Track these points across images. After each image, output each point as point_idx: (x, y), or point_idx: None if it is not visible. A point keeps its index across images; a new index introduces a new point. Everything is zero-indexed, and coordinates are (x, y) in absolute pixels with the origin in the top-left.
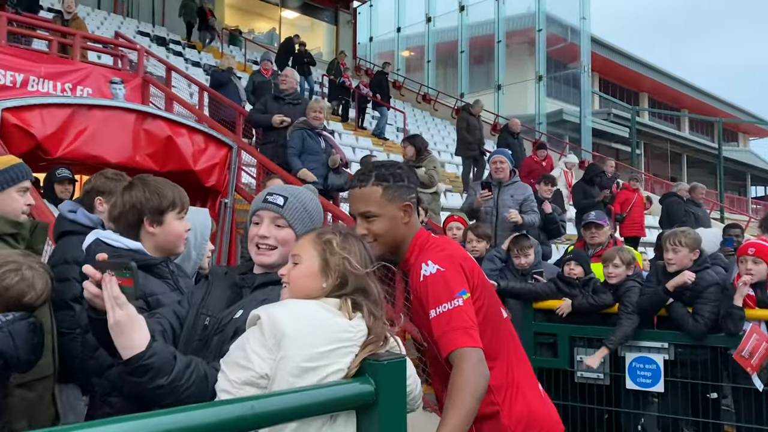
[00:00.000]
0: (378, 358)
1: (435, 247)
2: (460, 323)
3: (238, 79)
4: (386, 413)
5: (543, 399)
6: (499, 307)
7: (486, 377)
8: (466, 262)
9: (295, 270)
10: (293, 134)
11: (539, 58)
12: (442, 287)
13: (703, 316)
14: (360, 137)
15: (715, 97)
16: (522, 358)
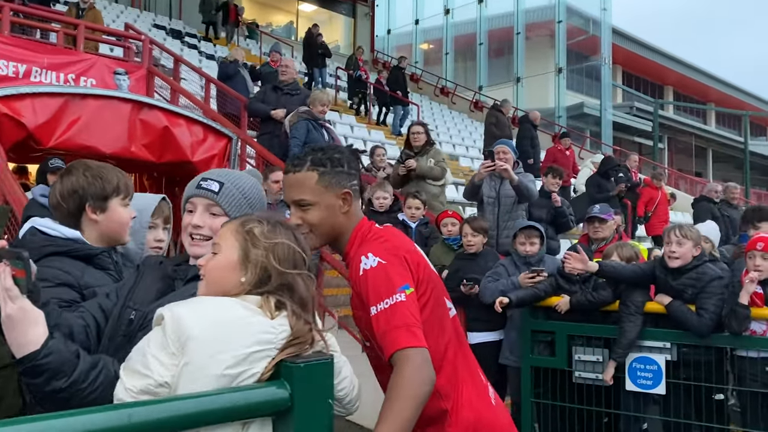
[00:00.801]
0: (295, 360)
1: (377, 239)
2: (402, 321)
3: (246, 71)
4: (303, 420)
5: (492, 404)
6: (446, 305)
7: (431, 381)
8: (411, 254)
9: (212, 261)
10: (297, 124)
11: (559, 50)
12: (383, 282)
13: (707, 310)
14: (372, 130)
15: (742, 90)
16: (469, 360)
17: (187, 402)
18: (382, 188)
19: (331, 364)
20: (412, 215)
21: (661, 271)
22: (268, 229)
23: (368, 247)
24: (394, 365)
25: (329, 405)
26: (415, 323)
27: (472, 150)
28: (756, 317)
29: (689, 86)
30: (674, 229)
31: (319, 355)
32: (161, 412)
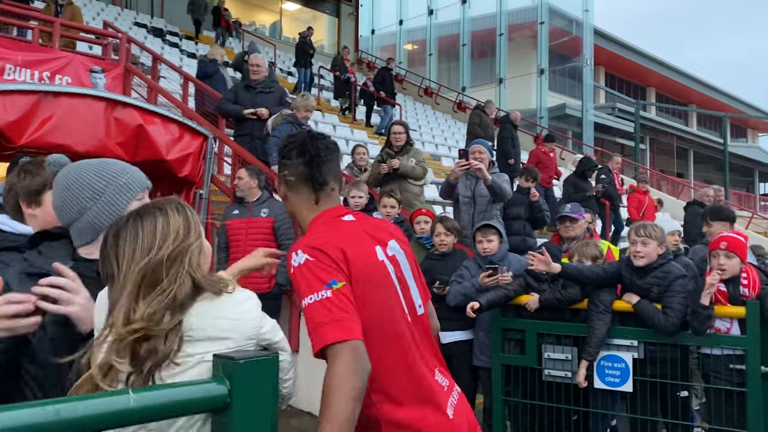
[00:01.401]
0: (235, 356)
1: (314, 233)
2: (328, 316)
3: (225, 70)
4: (242, 418)
5: (447, 418)
6: (396, 311)
7: (364, 371)
8: (351, 249)
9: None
10: (280, 126)
11: (541, 51)
12: (311, 278)
13: (673, 309)
14: (355, 130)
15: (723, 92)
16: (424, 368)
17: (118, 398)
18: (357, 187)
19: (274, 361)
20: (387, 214)
21: (627, 270)
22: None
23: (302, 242)
24: (327, 362)
25: (271, 403)
26: (344, 317)
27: (454, 150)
28: (719, 315)
29: (671, 88)
30: (638, 228)
31: (263, 352)
32: (89, 408)
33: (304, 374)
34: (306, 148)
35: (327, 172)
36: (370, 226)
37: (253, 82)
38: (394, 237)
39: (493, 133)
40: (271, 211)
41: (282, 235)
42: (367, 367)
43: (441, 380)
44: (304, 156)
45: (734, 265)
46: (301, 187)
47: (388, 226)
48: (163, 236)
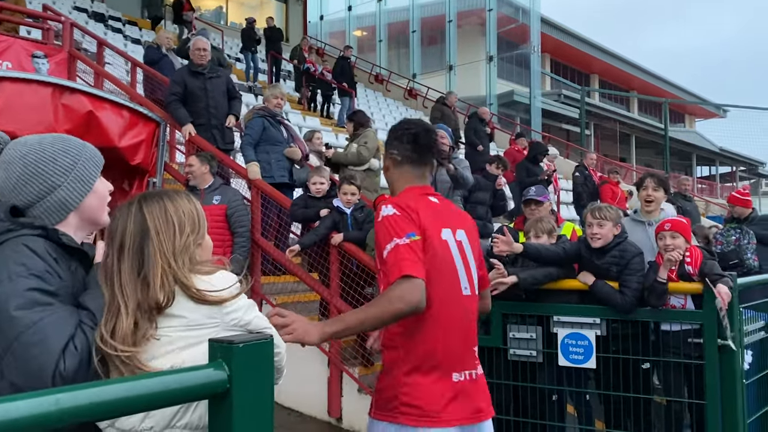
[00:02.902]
0: (234, 340)
1: (403, 198)
2: (410, 256)
3: (174, 55)
4: (242, 403)
5: (451, 381)
6: (454, 283)
7: (417, 305)
8: (426, 220)
9: None
10: (252, 121)
11: (490, 38)
12: (397, 226)
13: (630, 288)
14: (307, 117)
15: (663, 78)
16: (453, 335)
17: (116, 387)
18: (318, 174)
19: (271, 344)
20: (348, 201)
21: (586, 251)
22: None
23: (391, 200)
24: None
25: (270, 387)
26: (419, 261)
27: None
28: (674, 292)
29: (614, 75)
30: (594, 210)
31: (253, 336)
32: (89, 397)
33: None
34: (419, 137)
35: (427, 160)
36: (448, 211)
37: (199, 67)
38: (464, 228)
39: (456, 126)
40: (224, 197)
41: (235, 222)
42: (418, 300)
43: (474, 353)
44: (415, 143)
45: (680, 244)
46: (405, 165)
47: (463, 218)
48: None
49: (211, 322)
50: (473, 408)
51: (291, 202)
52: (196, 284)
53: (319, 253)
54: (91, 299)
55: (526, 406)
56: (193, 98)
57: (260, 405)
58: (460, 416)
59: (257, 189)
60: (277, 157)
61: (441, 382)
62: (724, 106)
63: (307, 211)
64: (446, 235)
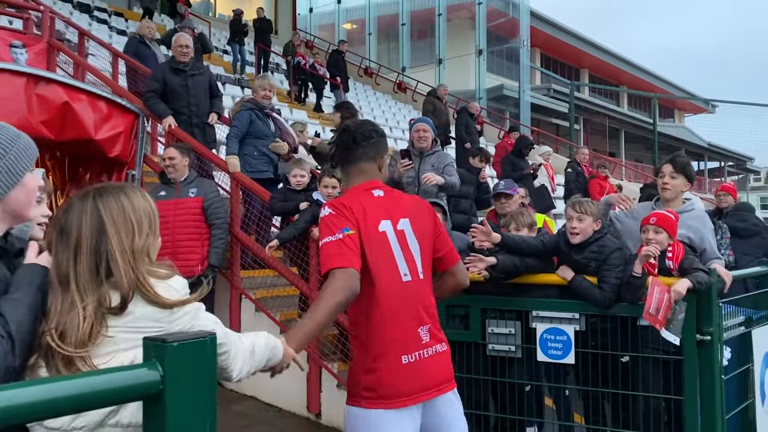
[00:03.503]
0: (167, 338)
1: (342, 197)
2: (336, 251)
3: (157, 46)
4: (176, 404)
5: (399, 364)
6: (390, 270)
7: (352, 290)
8: (362, 214)
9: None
10: (240, 114)
11: (479, 32)
12: (330, 224)
13: (609, 283)
14: (294, 109)
15: (652, 74)
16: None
17: (38, 389)
18: (298, 166)
19: (210, 342)
20: (328, 194)
21: (565, 245)
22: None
23: (329, 202)
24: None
25: (208, 388)
26: (347, 252)
27: (396, 131)
28: None
29: (603, 69)
30: (575, 204)
31: (196, 334)
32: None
33: None
34: (340, 141)
35: (354, 158)
36: (393, 202)
37: (180, 64)
38: (409, 216)
39: (447, 120)
40: (200, 190)
41: (212, 215)
42: (355, 290)
43: (423, 334)
44: (337, 147)
45: (662, 239)
46: (343, 167)
47: (411, 206)
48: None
49: (156, 326)
50: (426, 385)
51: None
52: (154, 286)
53: (299, 247)
54: (10, 306)
55: (505, 402)
56: (174, 96)
57: (196, 406)
58: (412, 396)
59: (237, 182)
60: (264, 151)
61: (392, 365)
62: (712, 101)
63: (287, 205)
64: (384, 226)
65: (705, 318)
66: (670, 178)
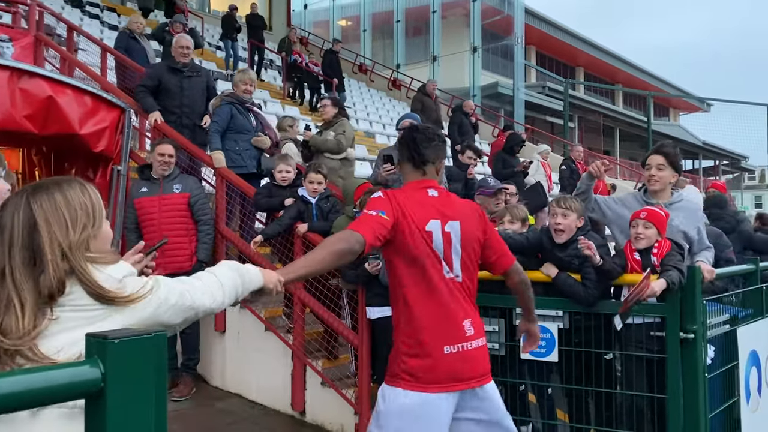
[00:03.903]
0: (109, 334)
1: (399, 189)
2: (362, 220)
3: (147, 41)
4: (118, 404)
5: (442, 353)
6: (434, 268)
7: (351, 244)
8: (410, 210)
9: None
10: (220, 108)
11: (474, 29)
12: (373, 204)
13: (592, 280)
14: (287, 105)
15: (647, 72)
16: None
17: None
18: (284, 161)
19: (158, 338)
20: (314, 190)
21: (548, 242)
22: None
23: (386, 190)
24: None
25: (155, 387)
26: (368, 226)
27: (389, 128)
28: (631, 283)
29: (599, 67)
30: (559, 200)
31: (144, 330)
32: None
33: (231, 357)
34: (405, 138)
35: (417, 157)
36: (446, 204)
37: (179, 64)
38: (460, 218)
39: (437, 117)
40: (185, 186)
41: (198, 211)
42: (353, 249)
43: (467, 327)
44: (403, 144)
45: (650, 235)
46: (403, 165)
47: (462, 209)
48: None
49: (99, 307)
50: (466, 376)
51: (255, 191)
52: (92, 274)
53: (284, 244)
54: None
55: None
56: (168, 95)
57: (140, 406)
58: (451, 384)
59: (222, 178)
60: (245, 146)
61: (434, 354)
62: (707, 99)
63: (272, 200)
64: (432, 225)
65: (688, 316)
66: (657, 170)
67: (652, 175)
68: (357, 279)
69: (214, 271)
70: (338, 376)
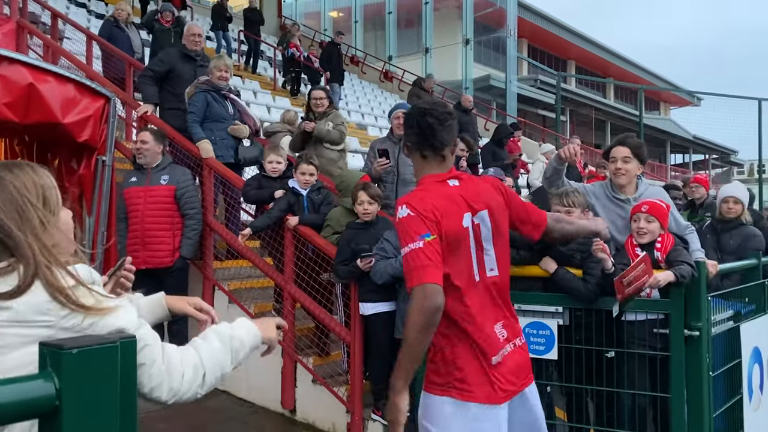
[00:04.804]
0: (65, 344)
1: (418, 192)
2: (417, 263)
3: (133, 29)
4: (75, 423)
5: (489, 364)
6: (468, 270)
7: (435, 308)
8: (443, 212)
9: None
10: (195, 97)
11: (466, 21)
12: (410, 230)
13: (593, 275)
14: (277, 96)
15: (639, 66)
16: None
17: None
18: (275, 152)
19: (123, 347)
20: (305, 182)
21: None
22: None
23: (404, 199)
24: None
25: (119, 402)
26: (429, 264)
27: (381, 120)
28: None
29: (590, 61)
30: (561, 196)
31: (103, 338)
32: None
33: None
34: (421, 122)
35: (437, 143)
36: (471, 192)
37: (192, 52)
38: (487, 205)
39: None
40: (172, 178)
41: (185, 204)
42: (436, 305)
43: (499, 331)
44: (418, 128)
45: (654, 229)
46: (416, 152)
47: (487, 193)
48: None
49: (43, 320)
50: (515, 381)
51: (244, 183)
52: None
53: (274, 237)
54: None
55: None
56: (180, 82)
57: (102, 425)
58: (506, 392)
59: (210, 169)
60: (222, 135)
61: (483, 366)
62: (697, 93)
63: (261, 192)
64: (467, 220)
65: (693, 312)
66: (623, 163)
67: (618, 168)
68: (349, 274)
69: (200, 349)
70: (330, 373)
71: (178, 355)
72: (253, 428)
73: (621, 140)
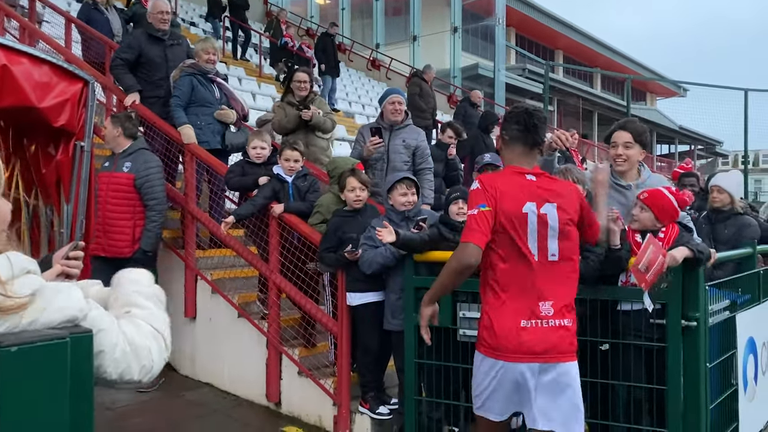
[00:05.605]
0: (2, 341)
1: (496, 173)
2: (470, 225)
3: (113, 11)
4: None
5: (519, 326)
6: (524, 249)
7: (467, 264)
8: (506, 193)
9: None
10: (180, 80)
11: (454, 9)
12: (473, 199)
13: (595, 252)
14: (263, 83)
15: (626, 56)
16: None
17: None
18: (259, 137)
19: (75, 343)
20: (290, 168)
21: None
22: None
23: (482, 176)
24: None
25: (69, 403)
26: (477, 229)
27: (369, 108)
28: None
29: (578, 51)
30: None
31: (47, 334)
32: None
33: (202, 345)
34: (523, 119)
35: (530, 140)
36: (543, 187)
37: (159, 32)
38: (556, 201)
39: (434, 104)
40: (134, 166)
41: (146, 195)
42: (469, 262)
43: (544, 308)
44: (519, 125)
45: (644, 219)
46: (510, 145)
47: (558, 192)
48: None
49: None
50: (542, 350)
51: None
52: None
53: (258, 225)
54: None
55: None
56: (152, 67)
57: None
58: (526, 354)
59: (192, 154)
60: (208, 120)
61: (511, 326)
62: (683, 83)
63: (244, 179)
64: (528, 208)
65: (691, 302)
66: (624, 148)
67: (619, 154)
68: (336, 262)
69: (147, 318)
70: (316, 365)
71: (136, 332)
72: (237, 422)
73: (623, 124)
